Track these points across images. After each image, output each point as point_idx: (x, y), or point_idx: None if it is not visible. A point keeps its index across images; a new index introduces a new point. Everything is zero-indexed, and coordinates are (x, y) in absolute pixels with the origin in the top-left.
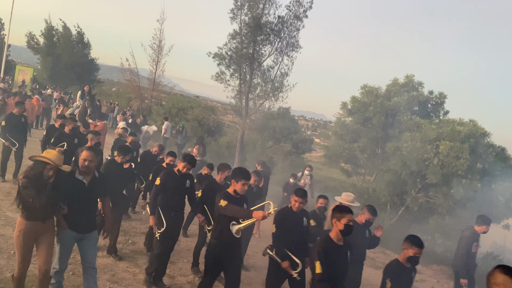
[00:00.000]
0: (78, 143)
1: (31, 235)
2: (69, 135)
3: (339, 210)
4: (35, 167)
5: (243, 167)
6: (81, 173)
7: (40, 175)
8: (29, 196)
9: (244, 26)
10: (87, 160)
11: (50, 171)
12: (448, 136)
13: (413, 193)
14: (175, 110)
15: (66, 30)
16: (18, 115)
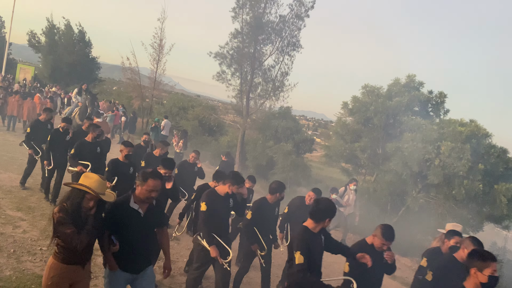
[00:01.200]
0: (101, 152)
1: (65, 281)
2: (91, 144)
3: (481, 257)
4: (71, 197)
5: None
6: (137, 202)
7: (79, 207)
8: (67, 235)
9: (246, 25)
10: (154, 191)
11: (90, 201)
12: (450, 137)
13: (414, 194)
14: (176, 109)
15: (67, 29)
16: (44, 122)
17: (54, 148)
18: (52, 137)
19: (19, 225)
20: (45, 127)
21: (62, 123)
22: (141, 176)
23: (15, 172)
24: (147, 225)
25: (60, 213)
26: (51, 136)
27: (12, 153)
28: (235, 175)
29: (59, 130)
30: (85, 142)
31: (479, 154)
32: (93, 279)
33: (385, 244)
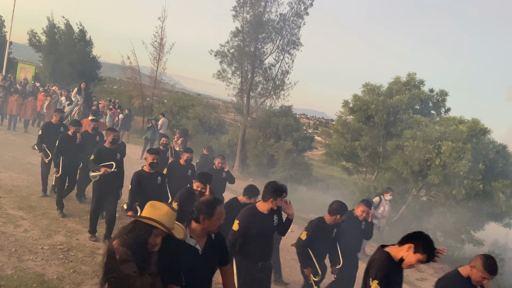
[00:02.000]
0: (121, 158)
1: None
2: (111, 150)
3: None
4: (135, 230)
5: None
6: (194, 236)
7: (144, 244)
8: (129, 278)
9: (246, 24)
10: (222, 218)
11: (158, 238)
12: (451, 136)
13: (414, 192)
14: (177, 108)
15: (68, 28)
16: (57, 124)
17: (63, 153)
18: (60, 142)
19: (20, 224)
20: (57, 129)
21: (71, 127)
22: (206, 208)
23: (16, 171)
24: (207, 264)
25: (124, 247)
26: (60, 141)
27: (13, 153)
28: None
29: (67, 134)
30: (104, 148)
31: (478, 152)
32: (94, 278)
33: (486, 278)
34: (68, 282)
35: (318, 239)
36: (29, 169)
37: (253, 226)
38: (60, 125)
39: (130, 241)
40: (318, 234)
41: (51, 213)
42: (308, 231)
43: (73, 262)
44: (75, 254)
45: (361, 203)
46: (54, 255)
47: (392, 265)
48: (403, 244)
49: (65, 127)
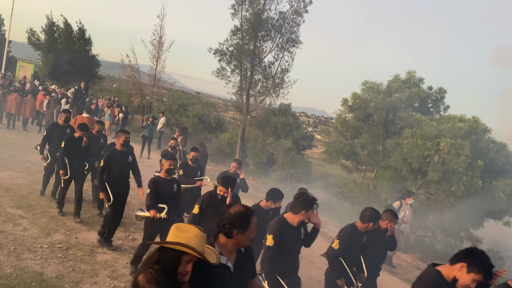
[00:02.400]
0: (133, 161)
1: None
2: (123, 154)
3: None
4: (162, 259)
5: None
6: (225, 253)
7: (174, 274)
8: None
9: (245, 22)
10: (255, 230)
11: (189, 264)
12: (449, 133)
13: (413, 190)
14: (176, 106)
15: (67, 26)
16: (63, 125)
17: (69, 156)
18: (66, 144)
19: (19, 222)
20: (63, 131)
21: (78, 131)
22: (240, 220)
23: (15, 170)
24: (240, 281)
25: (151, 284)
26: (66, 143)
27: (12, 151)
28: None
29: (73, 136)
30: (116, 152)
31: (478, 150)
32: (93, 276)
33: None
34: (67, 281)
35: (350, 248)
36: (28, 167)
37: (284, 240)
38: (67, 126)
39: (157, 274)
40: (351, 242)
41: (50, 212)
42: (341, 239)
43: (72, 260)
44: (74, 252)
45: (386, 214)
46: (53, 253)
47: (444, 285)
48: (454, 263)
49: (71, 128)
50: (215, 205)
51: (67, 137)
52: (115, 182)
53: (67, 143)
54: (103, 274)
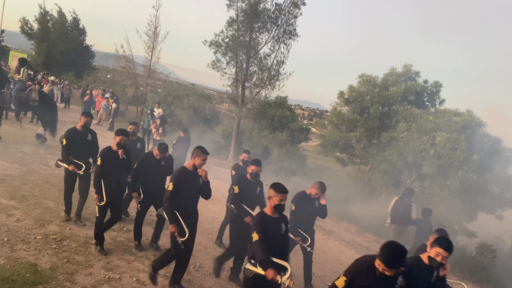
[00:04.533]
0: (166, 167)
1: None
2: (157, 162)
3: None
4: None
5: None
6: None
7: None
8: None
9: (241, 13)
10: None
11: None
12: (445, 127)
13: (408, 183)
14: (171, 98)
15: (61, 16)
16: (83, 131)
17: (106, 175)
18: (104, 160)
19: (12, 213)
20: (84, 137)
21: (115, 138)
22: None
23: (8, 160)
24: None
25: None
26: (102, 159)
27: (5, 142)
28: None
29: (111, 149)
30: (151, 159)
31: (473, 144)
32: (88, 268)
33: None
34: (62, 272)
35: None
36: (22, 158)
37: None
38: (87, 132)
39: None
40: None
41: (43, 203)
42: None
43: (67, 252)
44: (68, 244)
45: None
46: (47, 244)
47: None
48: None
49: (93, 134)
50: None
51: (105, 151)
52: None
53: (104, 159)
54: (97, 265)
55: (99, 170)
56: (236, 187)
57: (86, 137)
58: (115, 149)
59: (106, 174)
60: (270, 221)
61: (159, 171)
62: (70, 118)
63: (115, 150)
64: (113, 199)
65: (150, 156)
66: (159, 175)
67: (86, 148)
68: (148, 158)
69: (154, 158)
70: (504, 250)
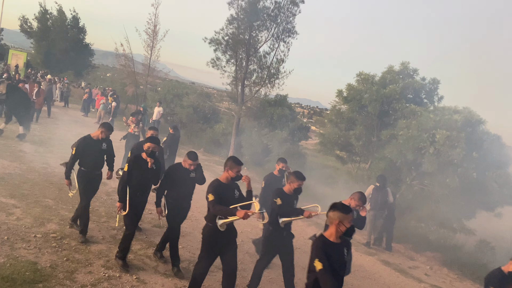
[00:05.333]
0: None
1: None
2: (186, 172)
3: None
4: None
5: None
6: None
7: None
8: None
9: (241, 11)
10: None
11: None
12: (445, 125)
13: (408, 181)
14: (170, 96)
15: (61, 14)
16: (98, 140)
17: (131, 184)
18: (132, 166)
19: (12, 212)
20: (98, 147)
21: (147, 145)
22: None
23: (7, 159)
24: None
25: None
26: (131, 165)
27: (5, 140)
28: None
29: (140, 156)
30: (181, 170)
31: (472, 142)
32: (88, 266)
33: None
34: (61, 270)
35: None
36: (21, 157)
37: None
38: (103, 141)
39: None
40: None
41: (43, 201)
42: None
43: (66, 250)
44: (68, 242)
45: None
46: (47, 243)
47: None
48: None
49: (108, 143)
50: None
51: (134, 159)
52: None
53: (134, 165)
54: (97, 263)
55: (125, 178)
56: (278, 199)
57: (100, 146)
58: (145, 157)
59: (132, 182)
60: (332, 246)
61: (189, 183)
62: (70, 117)
63: (144, 158)
64: (136, 210)
65: (179, 167)
66: (189, 187)
67: (101, 157)
68: (177, 168)
69: (184, 168)
70: (503, 247)
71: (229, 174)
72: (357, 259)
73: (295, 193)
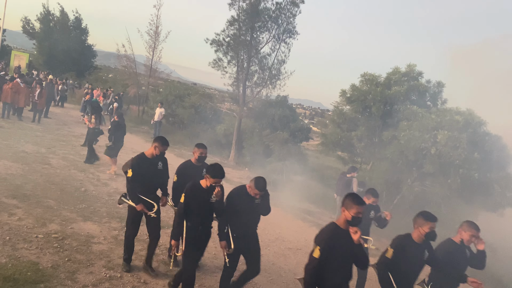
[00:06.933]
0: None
1: None
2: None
3: None
4: None
5: None
6: None
7: None
8: None
9: (242, 13)
10: None
11: None
12: (447, 126)
13: (409, 182)
14: (172, 97)
15: (63, 15)
16: (153, 158)
17: (189, 216)
18: (190, 196)
19: (14, 212)
20: (153, 167)
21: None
22: None
23: (10, 159)
24: None
25: None
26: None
27: (7, 141)
28: None
29: (198, 185)
30: (244, 196)
31: (474, 143)
32: (89, 266)
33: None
34: (63, 271)
35: None
36: (24, 157)
37: None
38: (159, 159)
39: None
40: None
41: (45, 202)
42: None
43: (68, 250)
44: (69, 243)
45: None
46: (49, 243)
47: None
48: None
49: (164, 161)
50: None
51: (191, 186)
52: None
53: (192, 194)
54: (98, 264)
55: (181, 210)
56: None
57: (156, 165)
58: (204, 185)
59: (191, 214)
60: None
61: (254, 211)
62: (70, 117)
63: (204, 187)
64: (199, 246)
65: (242, 192)
66: (254, 216)
67: (156, 179)
68: (241, 194)
69: (248, 195)
70: (505, 249)
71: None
72: None
73: (427, 238)
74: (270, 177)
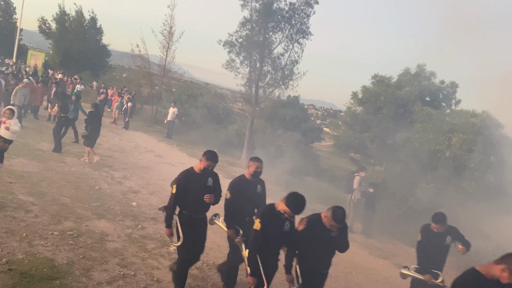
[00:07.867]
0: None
1: None
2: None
3: None
4: None
5: None
6: None
7: None
8: None
9: (255, 13)
10: None
11: None
12: (462, 128)
13: (423, 185)
14: (185, 97)
15: (79, 15)
16: (202, 173)
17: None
18: (265, 226)
19: (30, 209)
20: (202, 183)
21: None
22: None
23: (26, 157)
24: None
25: None
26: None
27: (24, 139)
28: None
29: (274, 208)
30: (320, 227)
31: (490, 146)
32: (103, 264)
33: None
34: (78, 268)
35: None
36: (39, 155)
37: None
38: (207, 175)
39: None
40: None
41: (60, 200)
42: None
43: (83, 248)
44: (84, 240)
45: None
46: (64, 240)
47: None
48: None
49: (214, 177)
50: None
51: (268, 211)
52: None
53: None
54: (112, 262)
55: (259, 239)
56: None
57: (206, 181)
58: (282, 209)
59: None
60: None
61: (329, 244)
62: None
63: (279, 211)
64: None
65: (318, 221)
66: (329, 249)
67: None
68: (316, 224)
69: (324, 227)
70: None
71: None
72: (371, 263)
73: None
74: (281, 177)
